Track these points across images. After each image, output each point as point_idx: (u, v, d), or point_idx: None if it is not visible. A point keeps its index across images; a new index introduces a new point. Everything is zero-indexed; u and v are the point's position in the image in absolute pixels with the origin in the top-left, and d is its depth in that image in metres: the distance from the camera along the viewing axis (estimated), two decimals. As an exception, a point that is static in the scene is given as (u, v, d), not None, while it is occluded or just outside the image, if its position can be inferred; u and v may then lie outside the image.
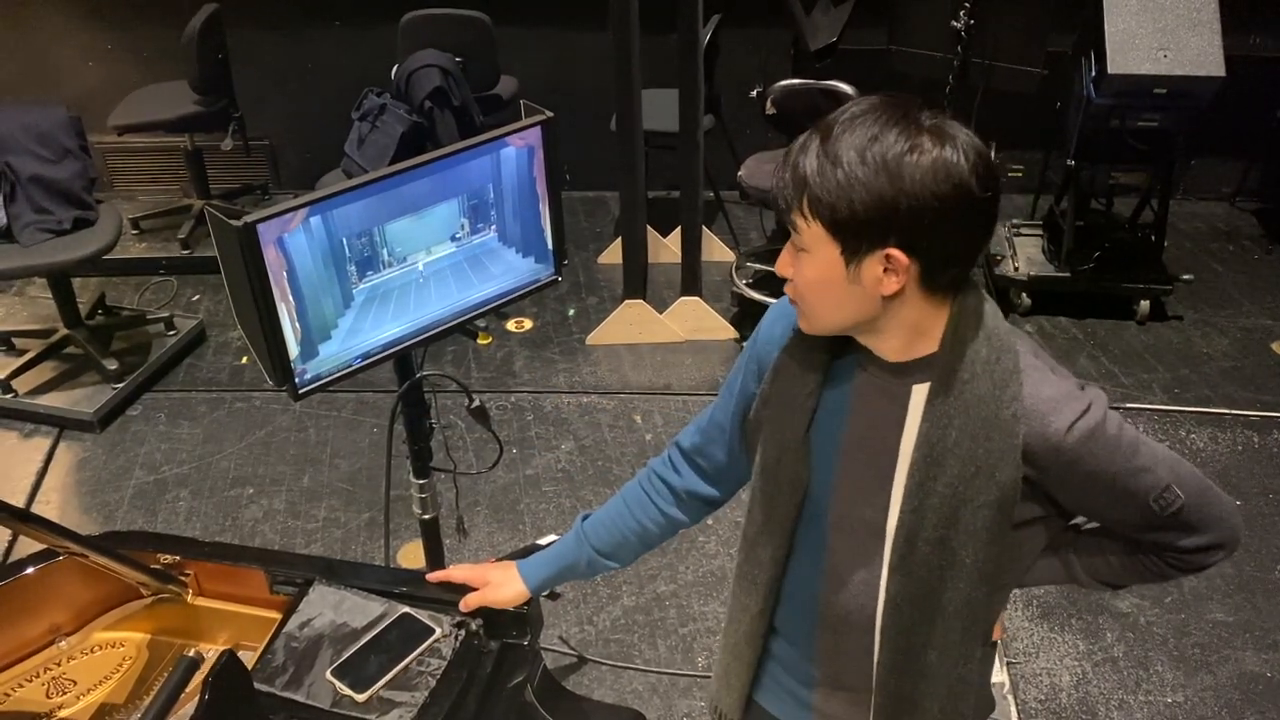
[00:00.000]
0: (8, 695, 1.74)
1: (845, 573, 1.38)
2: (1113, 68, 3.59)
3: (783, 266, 1.30)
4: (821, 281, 1.25)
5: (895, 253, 1.19)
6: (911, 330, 1.27)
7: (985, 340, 1.26)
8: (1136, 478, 1.28)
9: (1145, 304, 4.15)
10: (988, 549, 1.29)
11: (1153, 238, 4.17)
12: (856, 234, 1.20)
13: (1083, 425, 1.24)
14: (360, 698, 1.62)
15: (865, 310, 1.25)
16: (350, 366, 2.08)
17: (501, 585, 1.68)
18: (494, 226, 2.18)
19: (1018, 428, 1.24)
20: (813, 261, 1.24)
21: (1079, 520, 1.42)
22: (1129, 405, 3.73)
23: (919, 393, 1.29)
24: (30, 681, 1.77)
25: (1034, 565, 1.43)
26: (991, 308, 1.30)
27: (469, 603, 1.70)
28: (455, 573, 1.73)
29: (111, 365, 3.83)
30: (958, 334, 1.26)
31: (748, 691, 1.56)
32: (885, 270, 1.21)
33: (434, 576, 1.76)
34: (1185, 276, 4.16)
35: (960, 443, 1.25)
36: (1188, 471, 1.32)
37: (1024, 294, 4.18)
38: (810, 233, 1.22)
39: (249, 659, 1.67)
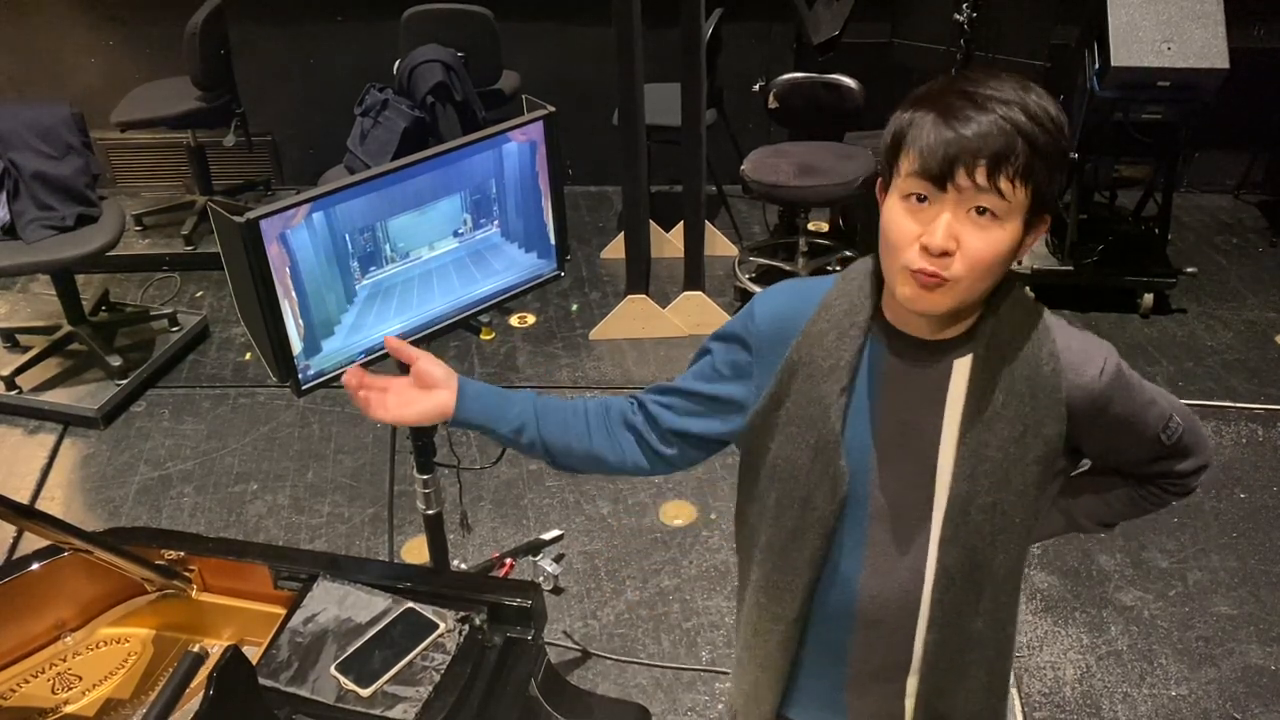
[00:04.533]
0: (13, 691, 1.74)
1: (887, 561, 1.36)
2: (1116, 60, 3.58)
3: (948, 238, 1.17)
4: (1005, 251, 1.19)
5: (1047, 215, 1.23)
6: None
7: (1016, 303, 1.29)
8: (1149, 411, 1.34)
9: (1149, 297, 4.15)
10: (1033, 506, 1.31)
11: (1156, 231, 4.16)
12: (1049, 200, 1.20)
13: (1109, 369, 1.29)
14: (364, 693, 1.62)
15: (998, 279, 1.24)
16: (353, 362, 2.08)
17: (425, 398, 1.45)
18: (496, 222, 2.19)
19: (1060, 382, 1.27)
20: (1004, 229, 1.18)
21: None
22: (1133, 398, 3.72)
23: (960, 367, 1.29)
24: (36, 677, 1.77)
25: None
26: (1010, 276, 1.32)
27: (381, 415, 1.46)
28: (406, 351, 1.50)
29: (115, 362, 3.83)
30: (996, 299, 1.28)
31: (779, 704, 1.51)
32: (1033, 233, 1.23)
33: (390, 342, 1.54)
34: (1189, 269, 4.16)
35: (1009, 404, 1.27)
36: (1175, 399, 1.39)
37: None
38: (1015, 199, 1.16)
39: (253, 654, 1.68)
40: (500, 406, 1.46)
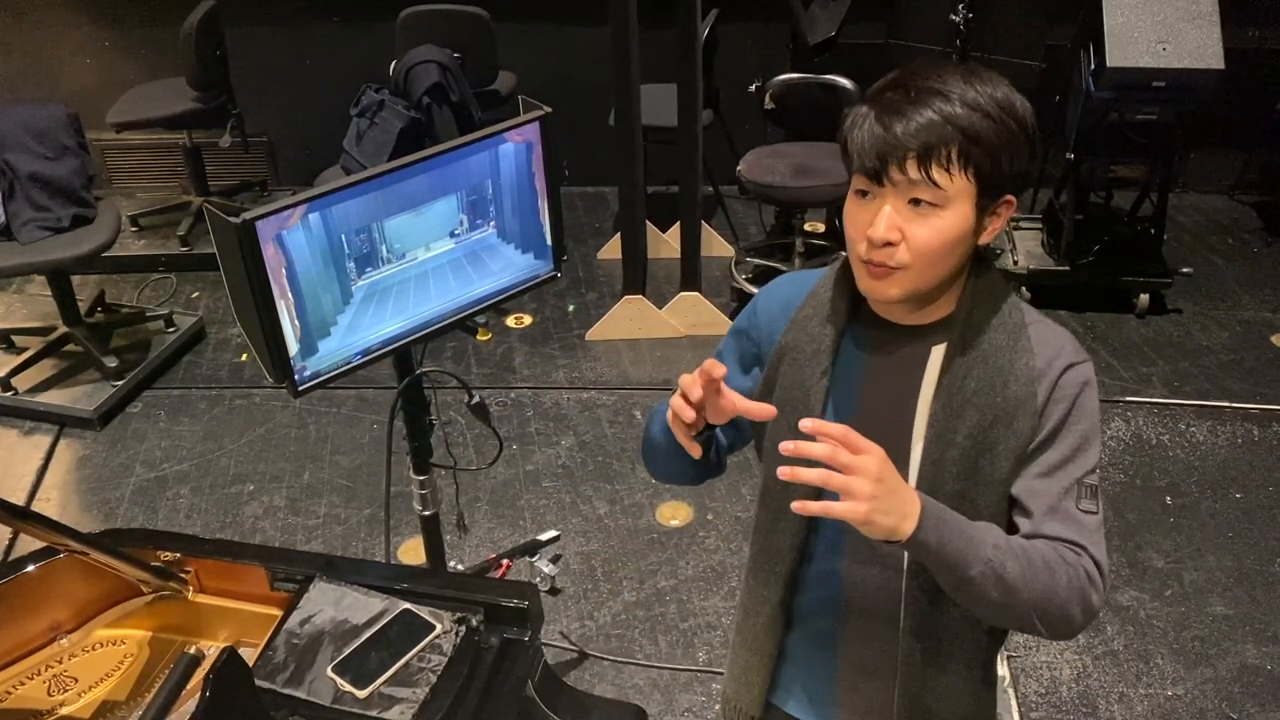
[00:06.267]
0: (9, 693, 1.74)
1: (869, 548, 1.37)
2: (1112, 61, 3.58)
3: (890, 230, 1.20)
4: (953, 238, 1.21)
5: (1011, 197, 1.24)
6: (955, 285, 1.29)
7: (997, 295, 1.30)
8: (1086, 449, 1.28)
9: (1145, 297, 4.15)
10: (1004, 501, 1.30)
11: (1152, 231, 4.17)
12: (1000, 183, 1.21)
13: (1079, 371, 1.28)
14: (361, 694, 1.62)
15: (959, 263, 1.26)
16: (350, 363, 2.08)
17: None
18: (493, 222, 2.18)
19: (1033, 375, 1.27)
20: (948, 217, 1.20)
21: None
22: (1128, 399, 3.73)
23: (937, 353, 1.31)
24: (31, 679, 1.77)
25: None
26: (991, 265, 1.34)
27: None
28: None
29: (111, 363, 3.83)
30: (976, 287, 1.30)
31: (768, 687, 1.54)
32: (996, 215, 1.25)
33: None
34: (1185, 270, 4.16)
35: (979, 392, 1.27)
36: (1099, 484, 1.31)
37: (1023, 287, 4.18)
38: (954, 186, 1.19)
39: (250, 656, 1.67)
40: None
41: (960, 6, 4.00)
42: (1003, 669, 2.77)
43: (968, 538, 1.20)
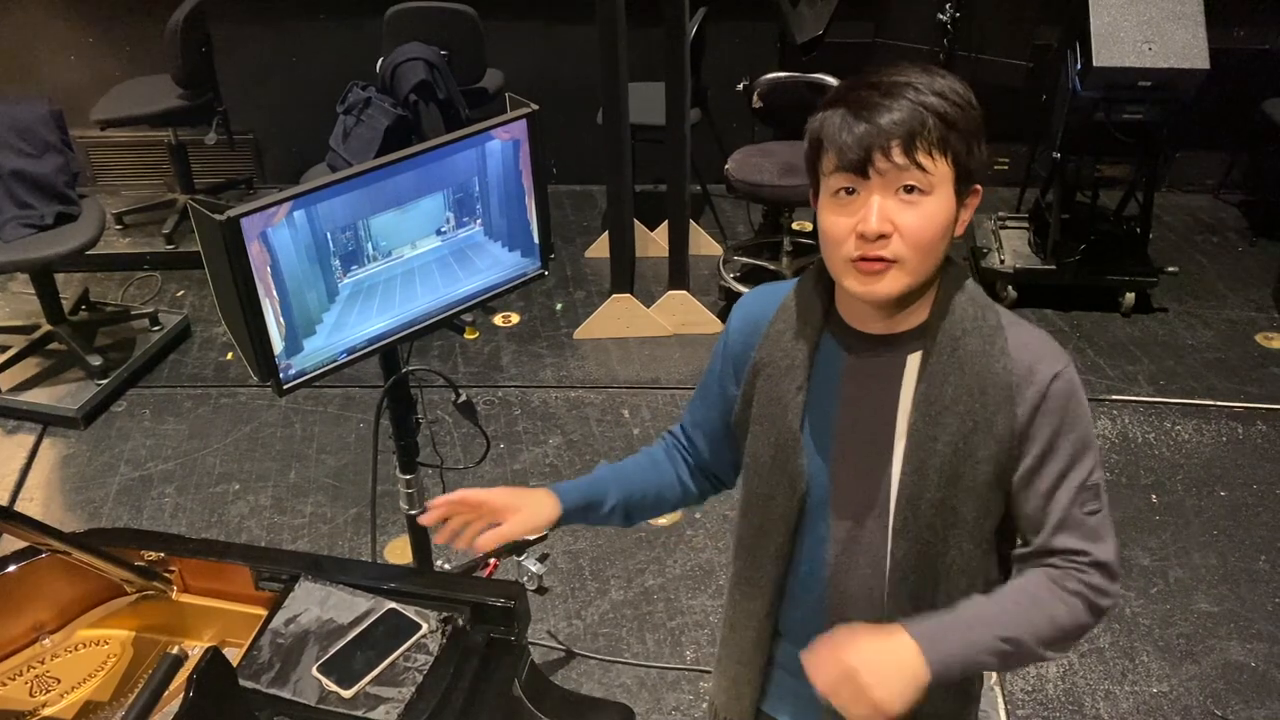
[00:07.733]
0: (-9, 694, 1.73)
1: (851, 557, 1.37)
2: (1098, 61, 3.60)
3: (883, 221, 1.21)
4: (942, 224, 1.24)
5: (978, 186, 1.28)
6: (929, 291, 1.30)
7: (970, 300, 1.30)
8: (1082, 451, 1.29)
9: (1130, 296, 4.17)
10: (987, 505, 1.30)
11: (1138, 230, 4.18)
12: (972, 170, 1.25)
13: (1065, 377, 1.28)
14: (346, 694, 1.61)
15: (942, 258, 1.28)
16: (335, 362, 2.07)
17: (532, 511, 1.47)
18: (479, 220, 2.18)
19: (1011, 379, 1.27)
20: (935, 203, 1.22)
21: None
22: (1114, 397, 3.74)
23: (913, 361, 1.31)
24: (13, 680, 1.76)
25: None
26: (964, 268, 1.35)
27: (484, 543, 1.45)
28: (468, 495, 1.50)
29: (95, 361, 3.80)
30: (948, 294, 1.30)
31: (759, 699, 1.54)
32: (965, 207, 1.27)
33: (437, 502, 1.51)
34: (1170, 269, 4.18)
35: (958, 399, 1.27)
36: (1102, 475, 1.33)
37: (1010, 286, 4.19)
38: (937, 171, 1.21)
39: (234, 656, 1.66)
40: (589, 491, 1.52)
41: (948, 6, 4.01)
42: (989, 667, 2.78)
43: (968, 641, 1.25)
